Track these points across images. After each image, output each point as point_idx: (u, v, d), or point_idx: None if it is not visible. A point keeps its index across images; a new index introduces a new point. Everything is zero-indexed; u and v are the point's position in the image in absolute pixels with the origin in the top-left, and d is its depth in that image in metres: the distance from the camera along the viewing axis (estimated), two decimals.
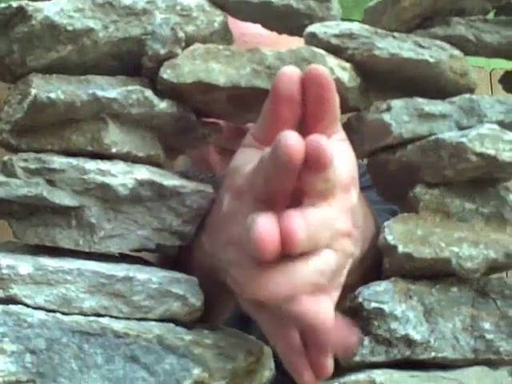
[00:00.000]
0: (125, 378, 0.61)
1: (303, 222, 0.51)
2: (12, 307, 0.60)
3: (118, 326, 0.62)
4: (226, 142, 0.87)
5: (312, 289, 0.53)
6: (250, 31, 0.85)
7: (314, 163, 0.50)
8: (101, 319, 0.62)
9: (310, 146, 0.50)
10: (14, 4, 0.65)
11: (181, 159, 1.07)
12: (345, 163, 0.59)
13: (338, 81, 0.64)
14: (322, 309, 0.54)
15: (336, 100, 0.57)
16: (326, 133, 0.58)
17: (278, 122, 0.57)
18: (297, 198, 0.55)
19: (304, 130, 0.59)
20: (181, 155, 0.82)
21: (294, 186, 0.54)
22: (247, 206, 0.56)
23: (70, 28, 0.65)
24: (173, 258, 0.74)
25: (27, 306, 0.61)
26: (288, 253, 0.51)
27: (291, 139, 0.50)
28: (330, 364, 0.59)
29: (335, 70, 0.65)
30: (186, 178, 0.70)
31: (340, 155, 0.58)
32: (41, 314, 0.61)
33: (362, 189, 0.65)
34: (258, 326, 0.62)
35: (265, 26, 0.73)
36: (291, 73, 0.56)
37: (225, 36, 0.71)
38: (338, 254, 0.56)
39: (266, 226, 0.50)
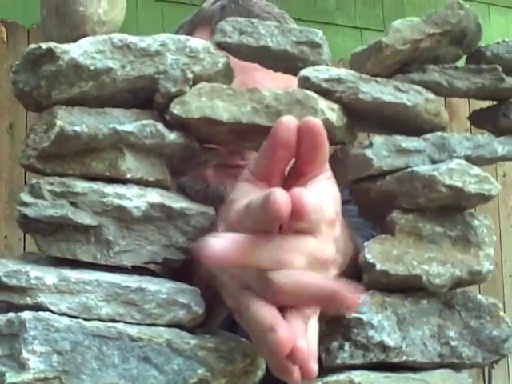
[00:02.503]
0: (138, 377, 0.68)
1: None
2: (41, 314, 0.67)
3: (133, 330, 0.69)
4: (220, 158, 0.94)
5: None
6: None
7: (296, 213, 0.57)
8: (117, 325, 0.69)
9: (293, 198, 0.57)
10: (44, 46, 0.71)
11: None
12: (330, 200, 0.66)
13: (327, 120, 0.73)
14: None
15: (326, 146, 0.65)
16: (314, 172, 0.66)
17: (274, 162, 0.65)
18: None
19: (296, 168, 0.67)
20: None
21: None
22: None
23: (92, 68, 0.72)
24: (174, 270, 0.81)
25: (53, 312, 0.68)
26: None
27: (280, 197, 0.56)
28: (315, 368, 0.64)
29: (325, 111, 0.73)
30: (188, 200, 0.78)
31: (326, 193, 0.66)
32: (66, 320, 0.68)
33: (344, 202, 0.73)
34: (244, 330, 0.70)
35: (262, 65, 0.81)
36: (289, 122, 0.63)
37: (227, 74, 0.79)
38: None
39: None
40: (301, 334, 0.60)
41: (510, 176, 4.20)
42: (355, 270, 0.78)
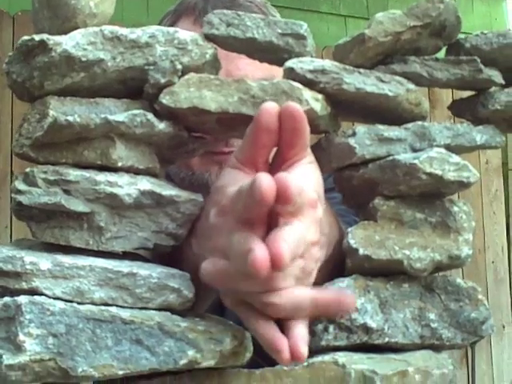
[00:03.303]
0: (131, 358, 0.71)
1: (287, 246, 0.60)
2: (37, 298, 0.69)
3: (125, 314, 0.71)
4: (206, 145, 0.96)
5: None
6: None
7: (281, 196, 0.60)
8: (110, 308, 0.71)
9: (277, 182, 0.60)
10: (37, 37, 0.73)
11: None
12: (311, 183, 0.69)
13: (311, 110, 0.75)
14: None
15: (307, 130, 0.67)
16: (297, 157, 0.69)
17: (257, 147, 0.68)
18: (272, 216, 0.65)
19: (279, 154, 0.70)
20: None
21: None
22: (230, 224, 0.66)
23: (83, 59, 0.74)
24: (163, 255, 0.84)
25: (48, 296, 0.70)
26: (273, 270, 0.60)
27: (265, 182, 0.59)
28: (305, 351, 0.66)
29: (309, 101, 0.75)
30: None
31: (308, 176, 0.69)
32: (61, 304, 0.70)
33: (328, 190, 0.76)
34: (232, 313, 0.72)
35: (249, 56, 0.83)
36: (271, 108, 0.66)
37: (214, 65, 0.81)
38: (307, 262, 0.66)
39: (262, 256, 0.58)
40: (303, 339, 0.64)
41: (493, 163, 4.25)
42: (340, 255, 0.81)
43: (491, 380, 4.17)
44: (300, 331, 0.66)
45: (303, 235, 0.64)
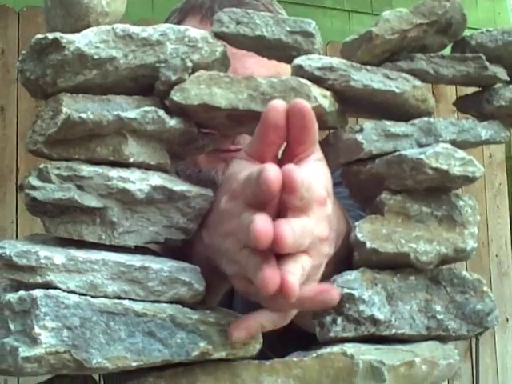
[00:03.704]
0: (144, 350, 0.72)
1: (290, 229, 0.61)
2: (52, 291, 0.71)
3: (138, 307, 0.73)
4: (215, 141, 0.98)
5: None
6: None
7: (287, 187, 0.61)
8: (123, 301, 0.73)
9: (283, 173, 0.61)
10: (50, 36, 0.75)
11: None
12: (320, 180, 0.70)
13: (319, 107, 0.77)
14: None
15: (315, 127, 0.68)
16: (306, 153, 0.70)
17: (266, 144, 0.70)
18: (282, 209, 0.66)
19: (288, 150, 0.71)
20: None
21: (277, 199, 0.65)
22: (241, 207, 0.67)
23: (96, 57, 0.75)
24: (174, 249, 0.85)
25: (62, 290, 0.72)
26: (276, 252, 0.62)
27: (271, 172, 0.60)
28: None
29: (318, 98, 0.77)
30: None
31: (316, 173, 0.70)
32: (75, 297, 0.71)
33: (334, 185, 0.77)
34: (239, 307, 0.73)
35: (258, 53, 0.84)
36: (278, 105, 0.67)
37: (224, 62, 0.83)
38: (314, 257, 0.67)
39: (263, 223, 0.60)
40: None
41: (497, 157, 4.26)
42: (347, 249, 0.82)
43: (495, 373, 4.18)
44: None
45: (310, 229, 0.65)
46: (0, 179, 3.09)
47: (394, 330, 0.81)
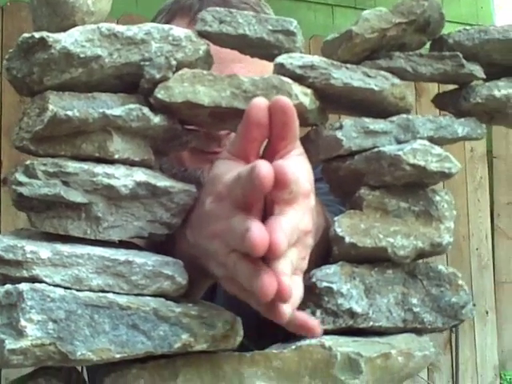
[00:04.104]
0: (128, 342, 0.74)
1: (284, 235, 0.62)
2: (38, 285, 0.72)
3: (122, 300, 0.75)
4: (198, 143, 0.99)
5: None
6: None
7: (279, 183, 0.62)
8: (108, 295, 0.74)
9: (275, 169, 0.62)
10: (37, 35, 0.76)
11: None
12: (304, 174, 0.72)
13: (300, 104, 0.79)
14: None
15: (296, 123, 0.70)
16: (287, 149, 0.72)
17: (249, 141, 0.71)
18: (267, 204, 0.68)
19: (270, 146, 0.73)
20: None
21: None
22: (227, 210, 0.69)
23: (82, 55, 0.76)
24: (157, 244, 0.86)
25: (48, 284, 0.73)
26: (270, 257, 0.63)
27: (264, 168, 0.61)
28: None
29: (299, 96, 0.79)
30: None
31: (300, 167, 0.72)
32: (60, 291, 0.73)
33: (315, 181, 0.79)
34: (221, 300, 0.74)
35: (240, 52, 0.86)
36: (261, 103, 0.68)
37: (207, 61, 0.84)
38: (300, 250, 0.69)
39: (259, 232, 0.61)
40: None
41: (478, 151, 4.29)
42: (326, 243, 0.84)
43: (474, 365, 4.23)
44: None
45: (297, 224, 0.67)
46: None
47: (371, 323, 0.83)
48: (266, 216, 0.67)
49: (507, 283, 4.40)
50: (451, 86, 0.92)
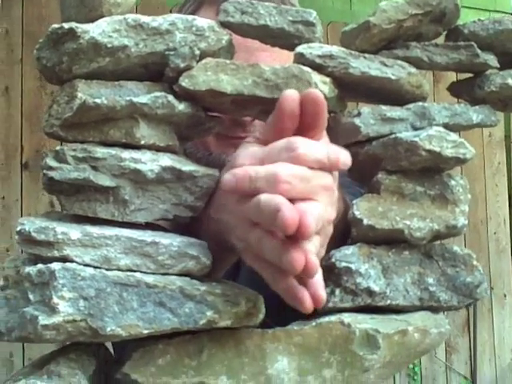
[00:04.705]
0: (155, 319, 0.77)
1: (313, 218, 0.65)
2: (69, 264, 0.76)
3: (149, 279, 0.78)
4: (223, 129, 1.02)
5: None
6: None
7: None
8: (135, 274, 0.78)
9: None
10: (66, 26, 0.79)
11: None
12: None
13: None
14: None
15: (326, 114, 0.73)
16: (315, 138, 0.74)
17: (280, 130, 0.74)
18: None
19: (300, 134, 0.76)
20: None
21: None
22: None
23: (109, 45, 0.79)
24: (182, 225, 0.90)
25: (78, 263, 0.77)
26: (299, 237, 0.66)
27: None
28: (324, 295, 0.71)
29: (318, 84, 0.81)
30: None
31: None
32: (90, 270, 0.76)
33: None
34: (243, 280, 0.77)
35: (262, 41, 0.88)
36: (293, 95, 0.71)
37: (229, 50, 0.87)
38: (322, 237, 0.72)
39: (291, 212, 0.64)
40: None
41: (496, 136, 4.29)
42: (344, 225, 0.87)
43: (492, 348, 4.25)
44: (317, 279, 0.71)
45: (323, 212, 0.70)
46: (5, 158, 3.13)
47: (388, 301, 0.86)
48: None
49: None
50: (468, 73, 0.94)
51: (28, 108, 3.15)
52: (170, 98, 0.82)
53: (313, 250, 0.68)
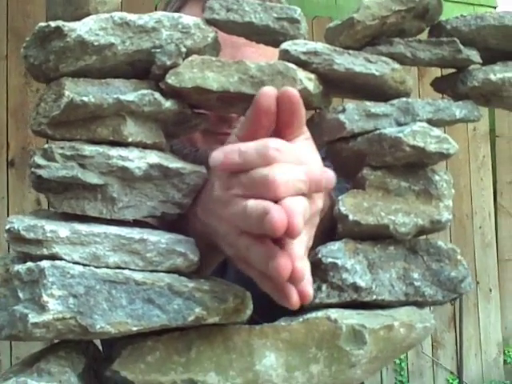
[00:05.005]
0: (143, 316, 0.77)
1: (301, 217, 0.65)
2: (58, 262, 0.76)
3: (138, 276, 0.78)
4: (210, 125, 1.03)
5: None
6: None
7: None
8: (124, 271, 0.78)
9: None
10: (53, 24, 0.79)
11: None
12: (314, 158, 0.75)
13: (305, 89, 0.82)
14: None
15: (302, 112, 0.74)
16: (294, 134, 0.75)
17: (257, 127, 0.74)
18: None
19: (278, 133, 0.76)
20: None
21: None
22: (236, 197, 0.72)
23: (96, 43, 0.80)
24: (169, 222, 0.90)
25: (67, 261, 0.77)
26: (288, 237, 0.66)
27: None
28: (311, 291, 0.71)
29: (303, 81, 0.82)
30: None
31: (309, 152, 0.75)
32: (79, 268, 0.77)
33: (322, 159, 0.81)
34: (231, 277, 0.77)
35: (247, 38, 0.89)
36: (270, 91, 0.72)
37: (215, 47, 0.88)
38: (309, 229, 0.73)
39: (279, 214, 0.64)
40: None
41: (481, 130, 4.32)
42: (330, 221, 0.88)
43: (478, 342, 4.28)
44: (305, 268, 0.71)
45: (308, 206, 0.70)
46: None
47: (374, 297, 0.87)
48: None
49: (510, 261, 4.44)
50: (452, 69, 0.95)
51: (13, 105, 3.14)
52: (157, 95, 0.83)
53: (302, 251, 0.69)
